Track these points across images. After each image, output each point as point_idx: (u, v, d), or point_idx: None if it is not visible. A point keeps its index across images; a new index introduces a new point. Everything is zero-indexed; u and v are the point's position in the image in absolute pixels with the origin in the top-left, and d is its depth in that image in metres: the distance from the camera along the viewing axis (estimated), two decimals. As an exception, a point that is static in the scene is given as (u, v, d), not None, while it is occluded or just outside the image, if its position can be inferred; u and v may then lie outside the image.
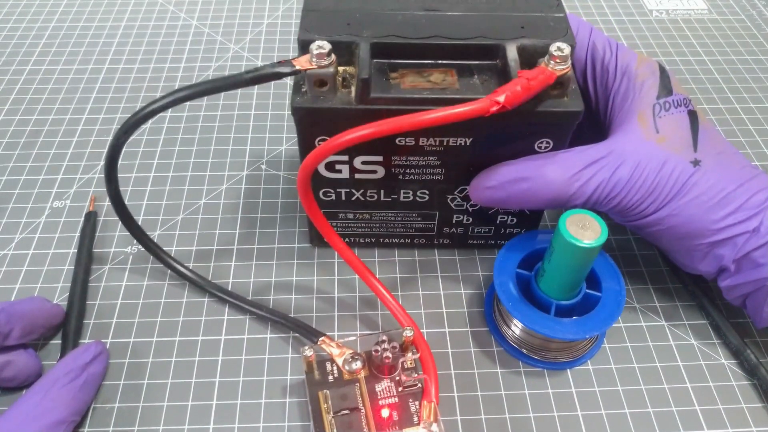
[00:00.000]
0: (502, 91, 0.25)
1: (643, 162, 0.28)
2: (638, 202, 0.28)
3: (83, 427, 0.28)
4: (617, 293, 0.29)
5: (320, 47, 0.26)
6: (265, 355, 0.31)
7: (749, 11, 0.56)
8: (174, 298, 0.33)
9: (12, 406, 0.26)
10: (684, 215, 0.28)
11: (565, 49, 0.26)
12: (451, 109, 0.25)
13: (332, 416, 0.26)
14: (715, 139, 0.30)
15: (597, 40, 0.32)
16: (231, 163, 0.41)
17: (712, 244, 0.28)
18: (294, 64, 0.26)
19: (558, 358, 0.31)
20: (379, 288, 0.31)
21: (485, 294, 0.34)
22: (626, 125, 0.29)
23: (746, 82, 0.48)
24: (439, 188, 0.31)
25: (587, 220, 0.26)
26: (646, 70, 0.31)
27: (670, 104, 0.29)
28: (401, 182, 0.31)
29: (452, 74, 0.28)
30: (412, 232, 0.35)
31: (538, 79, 0.26)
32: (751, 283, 0.28)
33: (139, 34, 0.52)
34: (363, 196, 0.32)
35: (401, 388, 0.27)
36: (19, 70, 0.48)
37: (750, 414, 0.29)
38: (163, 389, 0.30)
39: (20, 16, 0.53)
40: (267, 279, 0.34)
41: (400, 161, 0.30)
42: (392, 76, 0.27)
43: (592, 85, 0.32)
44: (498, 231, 0.34)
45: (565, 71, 0.26)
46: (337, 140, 0.25)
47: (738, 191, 0.28)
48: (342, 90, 0.27)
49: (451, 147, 0.29)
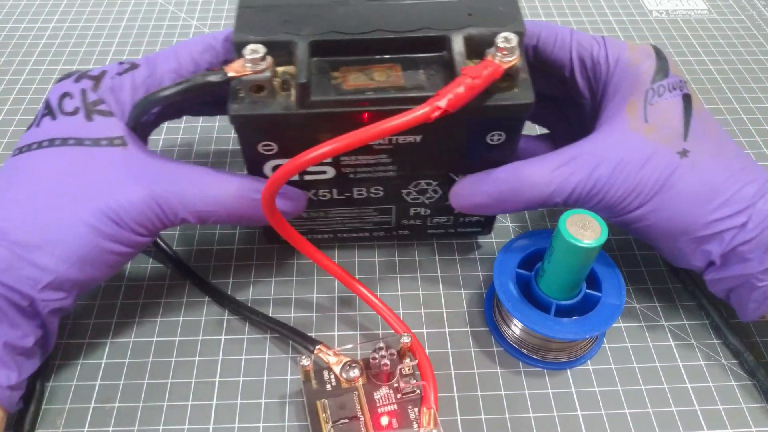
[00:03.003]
0: (444, 94, 0.24)
1: (627, 157, 0.27)
2: (621, 199, 0.27)
3: (83, 427, 0.28)
4: (617, 293, 0.29)
5: (254, 51, 0.25)
6: (265, 355, 0.31)
7: (749, 11, 0.56)
8: (174, 298, 0.33)
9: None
10: (669, 210, 0.27)
11: (512, 40, 0.25)
12: (391, 121, 0.24)
13: (331, 426, 0.26)
14: (708, 125, 0.29)
15: (581, 39, 0.31)
16: (231, 163, 0.41)
17: (698, 239, 0.28)
18: (226, 71, 0.25)
19: (558, 358, 0.31)
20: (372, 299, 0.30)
21: (485, 294, 0.34)
22: (614, 117, 0.29)
23: (746, 82, 0.48)
24: (393, 184, 0.31)
25: (587, 220, 0.26)
26: (640, 54, 0.30)
27: (665, 88, 0.29)
28: (353, 180, 0.30)
29: (396, 69, 0.26)
30: (370, 226, 0.34)
31: (483, 76, 0.25)
32: (736, 278, 0.28)
33: (139, 34, 0.52)
34: (315, 195, 0.31)
35: (400, 395, 0.27)
36: (19, 70, 0.48)
37: (750, 414, 0.29)
38: (163, 389, 0.30)
39: (20, 16, 0.53)
40: (267, 279, 0.34)
41: (350, 161, 0.29)
42: (334, 76, 0.26)
43: (584, 81, 0.31)
44: (456, 220, 0.34)
45: (513, 63, 0.25)
46: (291, 165, 0.24)
47: (727, 183, 0.27)
48: (281, 93, 0.26)
49: (402, 145, 0.28)
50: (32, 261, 0.25)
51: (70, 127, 0.27)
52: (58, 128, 0.27)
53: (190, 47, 0.30)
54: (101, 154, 0.27)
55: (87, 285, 0.27)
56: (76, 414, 0.29)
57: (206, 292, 0.33)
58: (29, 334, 0.26)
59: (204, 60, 0.30)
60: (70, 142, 0.27)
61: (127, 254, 0.27)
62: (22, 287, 0.25)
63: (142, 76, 0.29)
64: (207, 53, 0.30)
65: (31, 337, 0.26)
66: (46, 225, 0.25)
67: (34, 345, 0.26)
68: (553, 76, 0.32)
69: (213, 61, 0.30)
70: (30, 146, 0.27)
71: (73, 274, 0.25)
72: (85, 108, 0.28)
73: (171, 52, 0.30)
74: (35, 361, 0.27)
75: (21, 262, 0.25)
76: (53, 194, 0.26)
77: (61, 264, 0.25)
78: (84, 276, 0.26)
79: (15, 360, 0.26)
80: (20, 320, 0.25)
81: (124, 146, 0.27)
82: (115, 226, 0.26)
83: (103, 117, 0.28)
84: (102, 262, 0.26)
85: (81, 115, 0.28)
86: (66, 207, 0.25)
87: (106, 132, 0.27)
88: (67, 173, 0.26)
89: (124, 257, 0.27)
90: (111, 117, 0.28)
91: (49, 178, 0.26)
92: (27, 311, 0.26)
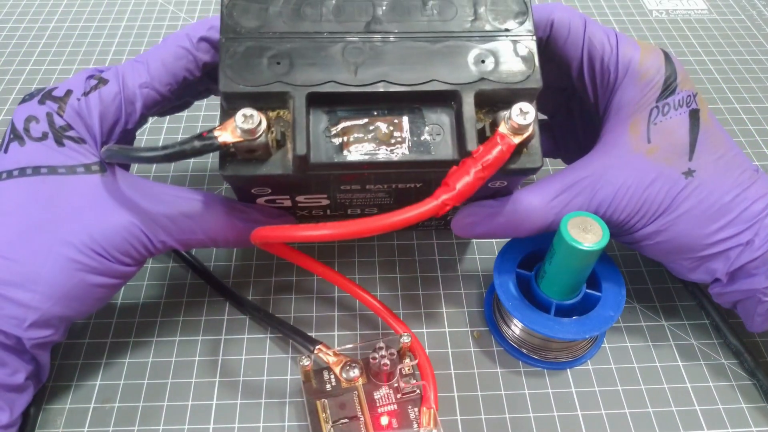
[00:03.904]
0: (454, 184, 0.23)
1: (628, 180, 0.27)
2: (624, 221, 0.27)
3: (83, 427, 0.28)
4: (617, 293, 0.29)
5: (248, 118, 0.22)
6: (265, 354, 0.31)
7: (749, 11, 0.56)
8: (174, 298, 0.33)
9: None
10: (673, 231, 0.27)
11: (528, 114, 0.23)
12: (402, 214, 0.23)
13: (331, 425, 0.26)
14: (716, 141, 0.28)
15: (594, 36, 0.29)
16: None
17: (702, 258, 0.28)
18: (217, 137, 0.23)
19: (558, 358, 0.31)
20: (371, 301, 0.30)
21: (485, 294, 0.34)
22: (616, 136, 0.28)
23: (746, 82, 0.48)
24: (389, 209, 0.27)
25: (589, 222, 0.26)
26: (651, 66, 0.28)
27: (670, 107, 0.28)
28: (348, 206, 0.30)
29: (400, 124, 0.24)
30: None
31: (493, 161, 0.23)
32: (742, 292, 0.28)
33: (139, 34, 0.52)
34: (309, 213, 0.30)
35: (400, 394, 0.27)
36: (19, 70, 0.48)
37: (750, 414, 0.29)
38: (163, 389, 0.30)
39: (20, 16, 0.53)
40: (267, 279, 0.34)
41: (346, 197, 0.28)
42: (333, 132, 0.24)
43: (591, 85, 0.30)
44: (448, 222, 0.34)
45: (527, 139, 0.24)
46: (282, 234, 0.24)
47: (734, 201, 0.27)
48: (277, 152, 0.24)
49: (401, 189, 0.27)
50: (14, 300, 0.24)
51: (41, 154, 0.25)
52: (27, 156, 0.25)
53: (162, 55, 0.27)
54: (78, 182, 0.25)
55: (75, 318, 0.26)
56: (76, 414, 0.29)
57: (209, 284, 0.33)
58: (19, 371, 0.25)
59: (179, 68, 0.27)
60: (42, 170, 0.25)
61: (113, 285, 0.26)
62: (6, 327, 0.24)
63: (111, 94, 0.27)
64: (181, 60, 0.27)
65: (21, 373, 0.25)
66: (26, 261, 0.24)
67: (25, 380, 0.26)
68: (560, 70, 0.31)
69: (190, 67, 0.27)
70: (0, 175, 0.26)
71: (59, 311, 0.25)
72: (53, 133, 0.26)
73: (141, 64, 0.27)
74: (28, 395, 0.26)
75: (2, 301, 0.24)
76: (30, 228, 0.24)
77: (45, 301, 0.24)
78: (71, 311, 0.25)
79: (6, 398, 0.25)
80: (8, 358, 0.25)
81: (102, 173, 0.26)
82: (98, 257, 0.25)
83: (74, 143, 0.26)
84: (88, 296, 0.25)
85: (50, 140, 0.26)
86: (45, 241, 0.24)
87: (81, 159, 0.26)
88: (42, 204, 0.25)
89: (111, 289, 0.26)
90: (83, 144, 0.26)
91: (24, 212, 0.25)
92: (14, 349, 0.25)
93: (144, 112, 0.28)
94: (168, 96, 0.28)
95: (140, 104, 0.27)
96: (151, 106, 0.28)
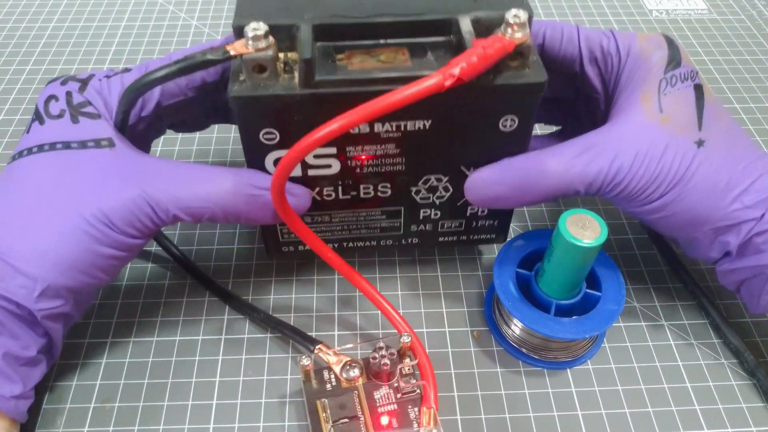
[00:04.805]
0: (457, 62, 0.23)
1: (644, 148, 0.27)
2: (642, 189, 0.27)
3: (83, 427, 0.28)
4: (617, 293, 0.29)
5: (256, 29, 0.24)
6: (265, 354, 0.31)
7: (749, 11, 0.57)
8: (174, 298, 0.33)
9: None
10: (689, 201, 0.27)
11: (522, 16, 0.24)
12: (404, 91, 0.23)
13: (331, 425, 0.26)
14: (720, 115, 0.29)
15: (589, 33, 0.31)
16: (231, 162, 0.41)
17: (717, 230, 0.27)
18: (228, 50, 0.24)
19: (558, 358, 0.31)
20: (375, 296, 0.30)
21: (485, 294, 0.34)
22: (629, 107, 0.28)
23: (746, 82, 0.48)
24: (401, 180, 0.29)
25: (587, 219, 0.26)
26: (652, 43, 0.29)
27: (677, 78, 0.28)
28: (360, 176, 0.29)
29: (404, 53, 0.26)
30: (377, 233, 0.32)
31: (495, 47, 0.24)
32: (750, 269, 0.28)
33: (139, 34, 0.52)
34: (319, 195, 0.30)
35: (400, 394, 0.27)
36: (19, 70, 0.48)
37: (750, 414, 0.29)
38: (163, 389, 0.30)
39: (20, 16, 0.53)
40: (267, 278, 0.34)
41: (356, 152, 0.28)
42: (338, 58, 0.25)
43: (596, 74, 0.31)
44: (469, 225, 0.32)
45: (524, 40, 0.25)
46: (304, 143, 0.23)
47: (744, 174, 0.27)
48: (284, 76, 0.25)
49: (410, 132, 0.27)
50: (22, 271, 0.24)
51: (57, 130, 0.27)
52: (45, 133, 0.27)
53: (186, 52, 0.29)
54: (88, 156, 0.26)
55: (85, 291, 0.26)
56: (76, 414, 0.29)
57: (208, 288, 0.34)
58: (31, 344, 0.26)
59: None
60: (57, 146, 0.26)
61: (120, 258, 0.26)
62: (17, 297, 0.24)
63: (132, 79, 0.28)
64: None
65: (33, 346, 0.26)
66: (33, 233, 0.25)
67: (38, 354, 0.26)
68: (563, 75, 0.32)
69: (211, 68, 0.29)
70: (21, 153, 0.27)
71: (66, 282, 0.25)
72: (70, 110, 0.27)
73: (166, 58, 0.29)
74: (41, 369, 0.27)
75: (11, 272, 0.24)
76: (40, 201, 0.25)
77: (52, 272, 0.25)
78: (78, 283, 0.25)
79: (18, 371, 0.25)
80: (20, 330, 0.25)
81: (112, 147, 0.27)
82: (105, 228, 0.25)
83: (89, 119, 0.27)
84: (95, 268, 0.26)
85: (67, 117, 0.27)
86: (53, 213, 0.25)
87: (93, 134, 0.27)
88: (53, 178, 0.26)
89: (118, 261, 0.26)
90: (98, 119, 0.27)
91: (36, 185, 0.26)
92: (27, 320, 0.25)
93: (161, 101, 0.29)
94: (185, 93, 0.29)
95: (158, 92, 0.28)
96: (168, 97, 0.29)
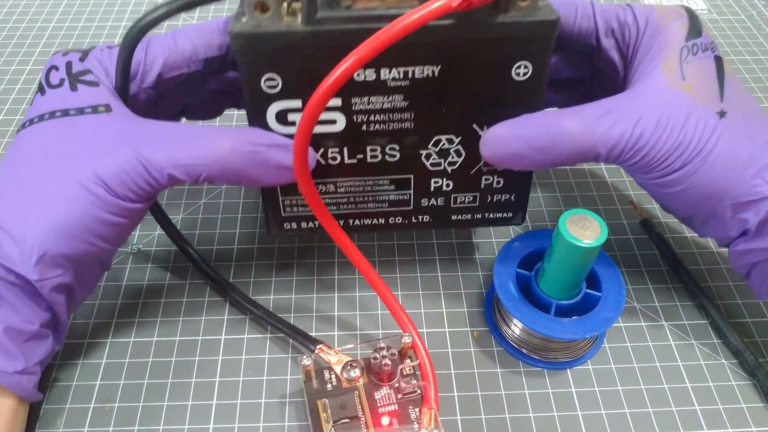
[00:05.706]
0: None
1: (667, 113, 0.26)
2: (664, 157, 0.26)
3: (83, 427, 0.28)
4: (617, 293, 0.29)
5: None
6: (265, 354, 0.31)
7: (749, 11, 0.56)
8: (174, 298, 0.33)
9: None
10: (711, 173, 0.26)
11: None
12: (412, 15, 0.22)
13: (332, 425, 0.26)
14: (738, 88, 0.28)
15: (605, 7, 0.30)
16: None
17: (738, 205, 0.26)
18: None
19: (558, 358, 0.31)
20: (380, 286, 0.29)
21: (485, 294, 0.34)
22: (650, 72, 0.27)
23: (746, 82, 0.48)
24: (410, 141, 0.28)
25: (587, 220, 0.26)
26: (670, 14, 0.28)
27: (698, 47, 0.27)
28: (366, 134, 0.28)
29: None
30: (385, 207, 0.31)
31: None
32: (764, 251, 0.27)
33: (139, 34, 0.52)
34: (324, 158, 0.28)
35: (401, 395, 0.27)
36: (19, 70, 0.48)
37: (750, 414, 0.29)
38: (163, 389, 0.30)
39: (20, 16, 0.53)
40: (267, 278, 0.34)
41: (362, 105, 0.27)
42: (343, 3, 0.25)
43: (614, 45, 0.30)
44: (483, 199, 0.31)
45: None
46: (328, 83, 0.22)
47: (764, 149, 0.26)
48: (287, 18, 0.25)
49: (418, 80, 0.26)
50: (18, 238, 0.24)
51: (56, 99, 0.27)
52: (46, 103, 0.27)
53: (188, 30, 0.29)
54: (85, 121, 0.26)
55: (84, 261, 0.26)
56: (76, 414, 0.29)
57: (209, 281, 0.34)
58: (33, 318, 0.25)
59: (202, 43, 0.29)
60: (56, 114, 0.27)
61: (118, 225, 0.26)
62: (14, 266, 0.24)
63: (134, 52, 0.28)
64: (206, 35, 0.29)
65: (35, 320, 0.26)
66: (29, 200, 0.25)
67: (41, 328, 0.26)
68: (580, 54, 0.31)
69: (213, 44, 0.29)
70: (24, 125, 0.27)
71: (62, 248, 0.25)
72: (69, 79, 0.27)
73: (168, 34, 0.29)
74: (47, 345, 0.27)
75: (9, 240, 0.24)
76: (37, 168, 0.26)
77: (48, 238, 0.24)
78: (75, 250, 0.25)
79: (20, 346, 0.25)
80: (22, 303, 0.25)
81: (109, 112, 0.27)
82: (100, 192, 0.25)
83: (87, 86, 0.27)
84: (92, 234, 0.25)
85: (66, 86, 0.27)
86: (49, 179, 0.25)
87: (91, 101, 0.27)
88: (50, 145, 0.26)
89: (117, 228, 0.26)
90: (96, 86, 0.27)
91: (33, 154, 0.26)
92: (28, 292, 0.25)
93: (162, 73, 0.29)
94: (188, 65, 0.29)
95: (160, 63, 0.28)
96: (170, 69, 0.29)
